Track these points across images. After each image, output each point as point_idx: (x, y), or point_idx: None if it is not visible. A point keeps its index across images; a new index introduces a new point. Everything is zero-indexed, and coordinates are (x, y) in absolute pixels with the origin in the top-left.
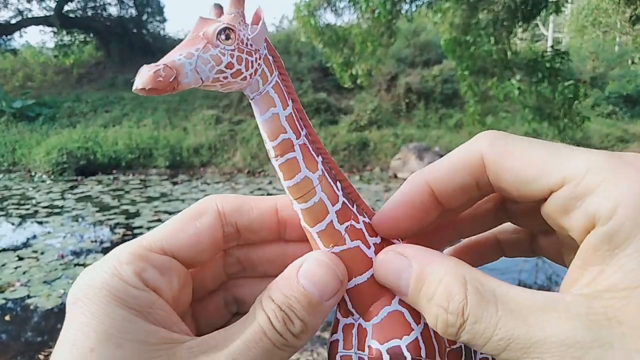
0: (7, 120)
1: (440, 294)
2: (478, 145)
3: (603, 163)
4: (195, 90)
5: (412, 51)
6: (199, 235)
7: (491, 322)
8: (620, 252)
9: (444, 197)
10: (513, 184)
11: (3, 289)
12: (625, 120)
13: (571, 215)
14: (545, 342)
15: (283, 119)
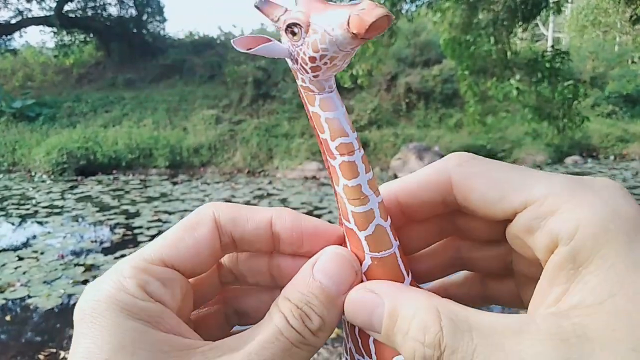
0: (7, 120)
1: (415, 328)
2: (446, 165)
3: (564, 186)
4: (195, 90)
5: (412, 51)
6: (198, 246)
7: (468, 350)
8: (584, 270)
9: (410, 210)
10: (479, 204)
11: (3, 289)
12: (625, 120)
13: (535, 235)
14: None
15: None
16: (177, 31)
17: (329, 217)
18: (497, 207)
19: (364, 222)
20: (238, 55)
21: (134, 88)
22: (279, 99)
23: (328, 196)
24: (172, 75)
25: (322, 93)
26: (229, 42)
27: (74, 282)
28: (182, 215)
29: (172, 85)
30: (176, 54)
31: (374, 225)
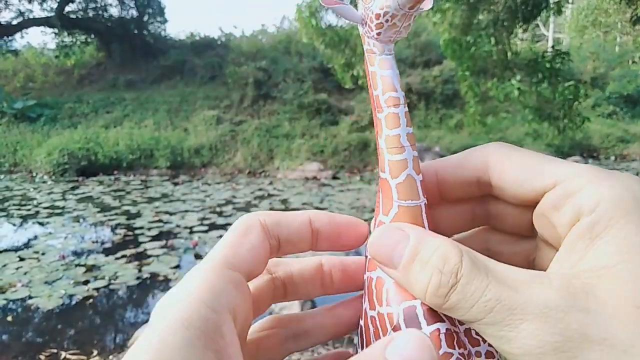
0: (9, 121)
1: (436, 258)
2: (486, 147)
3: (591, 170)
4: (196, 91)
5: (412, 52)
6: (255, 248)
7: (481, 284)
8: (600, 240)
9: (446, 186)
10: (511, 182)
11: (4, 290)
12: (626, 120)
13: (561, 211)
14: (529, 305)
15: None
16: (178, 32)
17: None
18: (529, 186)
19: (398, 170)
20: (239, 56)
21: (135, 89)
22: (279, 99)
23: (328, 197)
24: (173, 76)
25: (382, 55)
26: (229, 42)
27: (75, 283)
28: (183, 215)
29: (173, 86)
30: (177, 54)
31: (405, 174)
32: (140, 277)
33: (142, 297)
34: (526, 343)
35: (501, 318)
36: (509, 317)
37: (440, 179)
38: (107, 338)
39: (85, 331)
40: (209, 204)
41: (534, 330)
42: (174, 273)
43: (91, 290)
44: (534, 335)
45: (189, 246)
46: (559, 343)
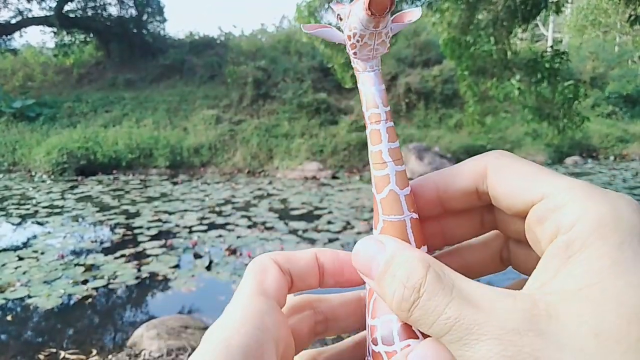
0: (7, 120)
1: (402, 272)
2: (485, 157)
3: (581, 186)
4: (196, 90)
5: (412, 51)
6: (278, 281)
7: (443, 301)
8: (573, 260)
9: (445, 197)
10: (505, 193)
11: (3, 289)
12: (625, 120)
13: (544, 225)
14: (487, 325)
15: (387, 98)
16: (177, 31)
17: (329, 217)
18: (520, 197)
19: (381, 186)
20: (238, 55)
21: (134, 88)
22: (279, 99)
23: (328, 196)
24: (172, 76)
25: (364, 72)
26: (229, 42)
27: (74, 282)
28: (182, 215)
29: (172, 86)
30: (176, 54)
31: (388, 190)
32: (140, 277)
33: (141, 296)
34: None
35: (458, 337)
36: (467, 337)
37: (440, 191)
38: (106, 337)
39: (84, 331)
40: (208, 203)
41: (487, 351)
42: (173, 272)
43: (90, 289)
44: (487, 357)
45: (188, 246)
46: None
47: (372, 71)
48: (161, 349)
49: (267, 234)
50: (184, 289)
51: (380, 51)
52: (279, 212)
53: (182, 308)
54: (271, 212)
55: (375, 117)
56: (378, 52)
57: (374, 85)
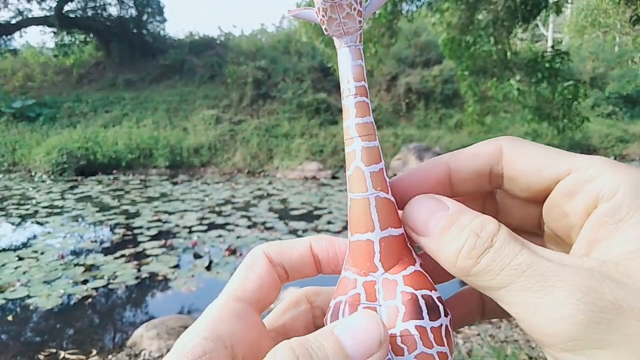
0: (7, 120)
1: (475, 223)
2: (499, 139)
3: (604, 160)
4: (196, 90)
5: (412, 51)
6: (261, 279)
7: (514, 249)
8: (624, 224)
9: (457, 179)
10: (525, 171)
11: (3, 289)
12: (625, 120)
13: (575, 198)
14: (563, 272)
15: (364, 71)
16: (177, 31)
17: (329, 217)
18: (543, 174)
19: (348, 162)
20: (238, 55)
21: (134, 88)
22: (279, 99)
23: (328, 196)
24: (172, 76)
25: (340, 49)
26: (229, 42)
27: (74, 282)
28: (182, 215)
29: (172, 86)
30: (176, 54)
31: (353, 166)
32: (139, 277)
33: (141, 296)
34: (556, 311)
35: (531, 283)
36: (540, 283)
37: (453, 171)
38: (106, 337)
39: (84, 331)
40: (208, 203)
41: (566, 298)
42: (173, 272)
43: (90, 289)
44: (566, 304)
45: (188, 246)
46: (593, 313)
47: (347, 47)
48: (161, 349)
49: (267, 234)
50: (184, 289)
51: (350, 26)
52: (279, 212)
53: (182, 308)
54: (271, 212)
55: (345, 92)
56: (348, 26)
57: (348, 61)
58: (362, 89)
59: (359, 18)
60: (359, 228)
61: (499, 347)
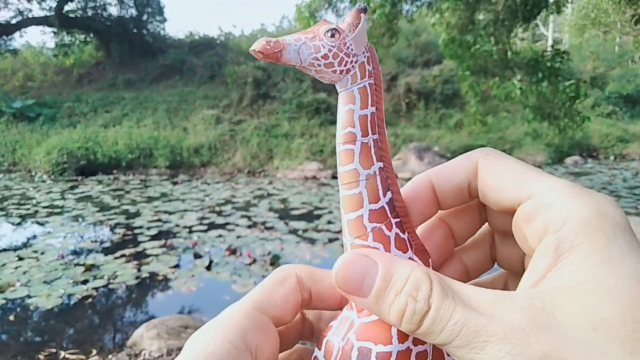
0: (7, 120)
1: (410, 285)
2: (475, 153)
3: (567, 186)
4: (196, 90)
5: (412, 51)
6: (287, 297)
7: (449, 309)
8: (564, 259)
9: (441, 195)
10: (493, 190)
11: (3, 289)
12: (625, 120)
13: (532, 224)
14: (492, 327)
15: (356, 116)
16: (177, 31)
17: (329, 217)
18: (507, 194)
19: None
20: (238, 55)
21: (134, 88)
22: (279, 99)
23: (328, 196)
24: (172, 76)
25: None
26: (229, 42)
27: (74, 282)
28: (182, 215)
29: (172, 86)
30: (176, 54)
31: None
32: (140, 277)
33: (141, 296)
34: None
35: (467, 341)
36: (475, 340)
37: (436, 188)
38: (106, 337)
39: (84, 330)
40: (208, 203)
41: (497, 352)
42: (173, 272)
43: (90, 289)
44: (498, 357)
45: (188, 245)
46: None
47: (339, 92)
48: (161, 349)
49: (267, 233)
50: (184, 289)
51: (331, 76)
52: (279, 212)
53: (182, 308)
54: (271, 212)
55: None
56: (330, 76)
57: (339, 107)
58: (347, 136)
59: (339, 67)
60: None
61: None
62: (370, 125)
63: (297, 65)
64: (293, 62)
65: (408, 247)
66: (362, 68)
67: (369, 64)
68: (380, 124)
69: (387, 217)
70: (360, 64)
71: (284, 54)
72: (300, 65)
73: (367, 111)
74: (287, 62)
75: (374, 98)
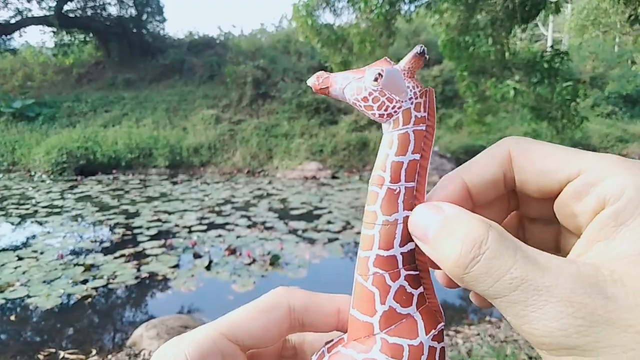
0: (7, 120)
1: (462, 229)
2: (505, 143)
3: (615, 159)
4: (195, 90)
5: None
6: (268, 328)
7: (508, 261)
8: (625, 227)
9: (475, 191)
10: (535, 174)
11: (3, 289)
12: (625, 120)
13: (583, 200)
14: (556, 288)
15: (389, 161)
16: (176, 31)
17: (329, 217)
18: (552, 177)
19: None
20: (237, 55)
21: (133, 88)
22: (278, 98)
23: (328, 196)
24: (172, 75)
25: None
26: (228, 42)
27: (74, 282)
28: (181, 214)
29: (172, 85)
30: (176, 53)
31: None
32: (139, 277)
33: (141, 296)
34: (548, 325)
35: (525, 297)
36: (534, 297)
37: (470, 185)
38: (105, 337)
39: (83, 330)
40: (208, 203)
41: (557, 312)
42: (173, 272)
43: (90, 289)
44: (558, 318)
45: (187, 245)
46: (583, 327)
47: (384, 133)
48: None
49: (266, 233)
50: (184, 289)
51: (367, 116)
52: (279, 212)
53: (181, 308)
54: (271, 212)
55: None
56: (367, 115)
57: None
58: (377, 178)
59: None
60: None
61: (499, 347)
62: (405, 172)
63: (343, 100)
64: (340, 99)
65: (412, 303)
66: (406, 114)
67: (420, 111)
68: (422, 172)
69: (396, 267)
70: (405, 110)
71: (331, 91)
72: (346, 101)
73: (404, 158)
74: (335, 98)
75: (419, 145)
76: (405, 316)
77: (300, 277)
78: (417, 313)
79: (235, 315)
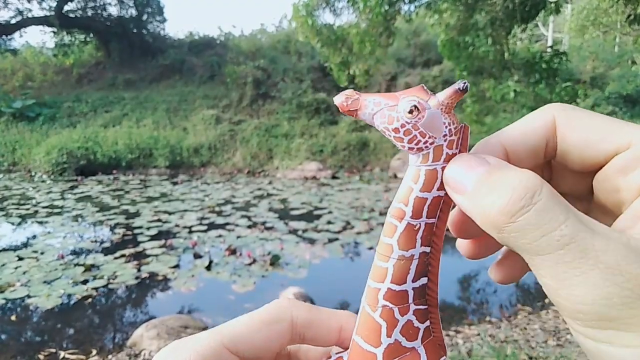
0: (7, 120)
1: (514, 177)
2: (550, 109)
3: None
4: (195, 90)
5: (412, 51)
6: (269, 341)
7: (560, 216)
8: None
9: (516, 157)
10: (579, 143)
11: (3, 289)
12: (625, 120)
13: (630, 175)
14: (605, 254)
15: (413, 196)
16: (177, 31)
17: (329, 217)
18: (599, 147)
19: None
20: (238, 55)
21: (134, 88)
22: (278, 99)
23: (328, 196)
24: (172, 75)
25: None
26: (228, 42)
27: (74, 282)
28: (182, 215)
29: (172, 85)
30: (176, 54)
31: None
32: (139, 277)
33: (141, 296)
34: (592, 292)
35: (571, 258)
36: (580, 260)
37: (510, 152)
38: (106, 337)
39: (84, 331)
40: (208, 203)
41: (603, 280)
42: (173, 272)
43: (90, 289)
44: (603, 286)
45: (188, 246)
46: (630, 299)
47: (410, 166)
48: (161, 349)
49: (267, 233)
50: (184, 289)
51: (394, 143)
52: (279, 212)
53: (182, 308)
54: (271, 212)
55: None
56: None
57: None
58: (397, 211)
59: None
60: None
61: (499, 347)
62: (428, 208)
63: (372, 125)
64: (367, 123)
65: (417, 337)
66: (437, 151)
67: (452, 148)
68: (445, 209)
69: (407, 302)
70: (437, 147)
71: (360, 115)
72: (374, 127)
73: (428, 195)
74: (363, 121)
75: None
76: (409, 349)
77: (300, 277)
78: (422, 347)
79: (237, 326)
